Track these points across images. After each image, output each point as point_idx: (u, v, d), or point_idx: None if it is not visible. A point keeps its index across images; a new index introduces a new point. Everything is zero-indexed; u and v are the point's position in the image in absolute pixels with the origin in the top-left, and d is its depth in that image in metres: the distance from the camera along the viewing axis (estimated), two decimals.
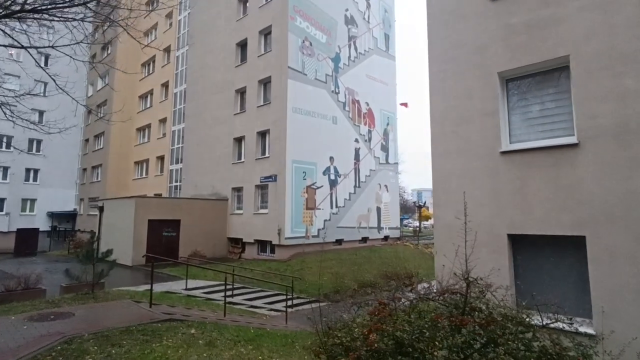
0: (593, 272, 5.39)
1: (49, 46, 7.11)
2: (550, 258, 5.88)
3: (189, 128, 26.59)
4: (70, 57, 7.32)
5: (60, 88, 6.29)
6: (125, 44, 32.08)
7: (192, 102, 26.59)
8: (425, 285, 5.63)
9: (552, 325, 4.22)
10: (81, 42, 7.45)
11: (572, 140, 5.71)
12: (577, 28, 5.77)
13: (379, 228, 25.24)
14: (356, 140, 24.09)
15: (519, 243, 6.14)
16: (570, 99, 5.89)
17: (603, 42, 5.51)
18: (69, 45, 7.24)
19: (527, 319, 4.16)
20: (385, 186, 26.26)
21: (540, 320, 4.20)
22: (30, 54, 6.66)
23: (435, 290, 5.75)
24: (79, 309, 6.94)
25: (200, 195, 23.77)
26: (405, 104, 30.02)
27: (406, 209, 59.68)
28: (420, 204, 38.53)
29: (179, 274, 14.95)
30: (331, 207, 21.59)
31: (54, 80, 6.17)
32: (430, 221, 68.35)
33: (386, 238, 25.76)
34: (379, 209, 25.39)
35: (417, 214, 70.00)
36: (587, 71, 5.62)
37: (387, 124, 27.25)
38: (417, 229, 34.18)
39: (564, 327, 4.36)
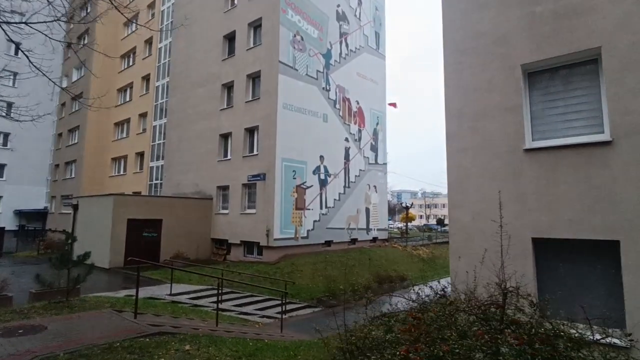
0: (628, 279, 5.03)
1: (21, 22, 6.30)
2: (579, 264, 5.51)
3: (171, 123, 25.61)
4: (47, 35, 6.53)
5: (35, 66, 5.50)
6: (104, 35, 30.69)
7: (175, 96, 25.63)
8: (419, 288, 5.15)
9: (603, 341, 3.80)
10: (59, 19, 6.65)
11: (604, 137, 5.36)
12: (610, 18, 5.43)
13: (368, 229, 24.95)
14: (346, 140, 23.70)
15: (544, 247, 5.75)
16: (600, 93, 5.54)
17: (639, 33, 5.17)
18: (45, 22, 6.45)
19: (578, 335, 3.72)
20: (374, 187, 25.99)
21: (592, 336, 3.78)
22: (2, 29, 5.83)
23: (450, 295, 5.29)
24: (52, 321, 6.13)
25: (183, 193, 22.89)
26: (394, 104, 29.78)
27: (387, 210, 60.16)
28: (407, 205, 38.40)
29: (161, 278, 14.17)
30: (321, 208, 21.11)
31: (28, 57, 5.38)
32: (415, 222, 69.02)
33: (375, 240, 25.51)
34: (367, 210, 25.08)
35: (400, 215, 70.65)
36: (621, 64, 5.28)
37: (377, 124, 27.00)
38: (404, 230, 34.04)
39: (615, 342, 3.96)
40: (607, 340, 3.86)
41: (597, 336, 3.82)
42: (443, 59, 7.03)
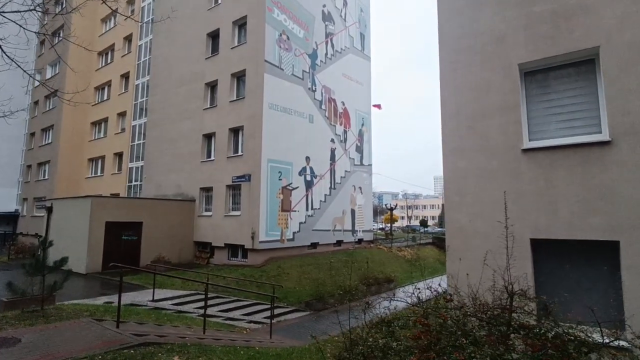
0: (627, 280, 5.02)
1: None
2: (578, 265, 5.47)
3: (151, 123, 24.93)
4: (21, 26, 6.09)
5: (8, 56, 5.07)
6: (81, 30, 29.62)
7: (156, 95, 24.97)
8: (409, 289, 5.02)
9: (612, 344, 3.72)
10: (34, 9, 6.22)
11: (602, 137, 5.34)
12: (608, 17, 5.43)
13: (353, 231, 24.90)
14: (332, 141, 23.61)
15: (542, 248, 5.70)
16: (598, 93, 5.54)
17: (638, 33, 5.18)
18: (19, 12, 6.01)
19: (587, 338, 3.63)
20: (360, 188, 25.99)
21: (601, 338, 3.69)
22: None
23: (450, 297, 5.16)
24: (26, 332, 5.67)
25: (164, 195, 22.31)
26: (378, 106, 29.91)
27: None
28: (392, 206, 38.63)
29: (142, 283, 13.66)
30: (307, 209, 20.92)
31: (0, 46, 4.94)
32: (398, 224, 69.54)
33: (360, 241, 25.50)
34: (353, 212, 25.03)
35: (383, 217, 71.04)
36: (619, 64, 5.28)
37: (362, 125, 27.03)
38: (389, 232, 34.18)
39: (623, 345, 3.89)
40: (616, 343, 3.79)
41: (606, 339, 3.74)
42: (439, 58, 6.94)
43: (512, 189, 5.91)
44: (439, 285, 5.46)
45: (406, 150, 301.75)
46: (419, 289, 4.97)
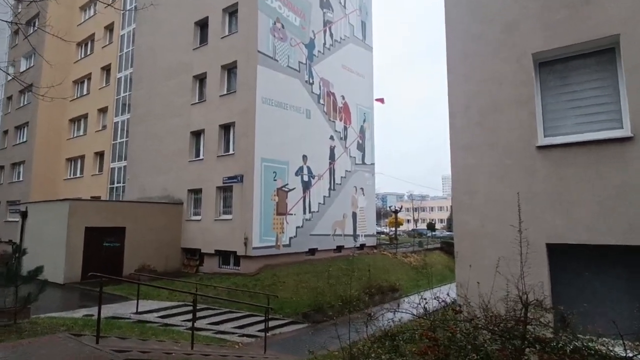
0: None
1: None
2: (597, 272, 5.45)
3: (135, 119, 24.90)
4: None
5: None
6: (58, 19, 29.52)
7: (140, 89, 24.94)
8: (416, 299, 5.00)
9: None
10: None
11: (623, 133, 5.33)
12: (629, 3, 5.41)
13: (355, 236, 24.90)
14: (331, 138, 23.60)
15: (559, 254, 5.68)
16: (619, 85, 5.52)
17: None
18: None
19: (610, 352, 3.61)
20: (362, 189, 26.01)
21: (624, 352, 3.67)
22: None
23: (459, 308, 5.13)
24: None
25: (149, 198, 22.26)
26: (381, 100, 29.92)
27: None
28: (396, 209, 38.65)
29: (125, 294, 13.64)
30: (304, 213, 20.92)
31: None
32: (403, 227, 69.64)
33: (362, 246, 25.51)
34: (354, 215, 25.03)
35: (387, 220, 71.20)
36: None
37: (364, 121, 27.06)
38: (394, 236, 34.19)
39: None
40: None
41: (630, 353, 3.72)
42: (446, 47, 6.91)
43: (526, 189, 5.89)
44: (448, 295, 5.43)
45: (412, 147, 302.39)
46: (425, 299, 4.95)
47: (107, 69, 29.45)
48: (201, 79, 21.80)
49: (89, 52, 31.32)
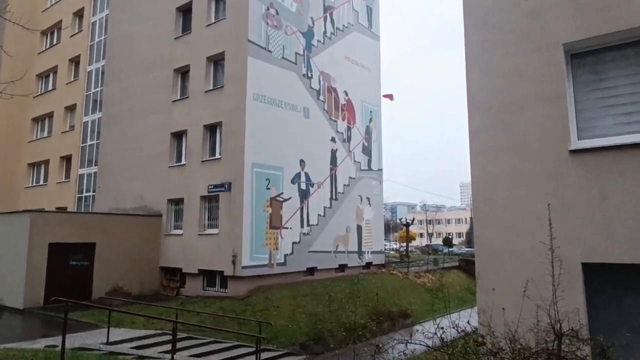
0: None
1: None
2: None
3: (108, 118, 25.00)
4: None
5: None
6: (19, 4, 29.71)
7: (113, 84, 25.06)
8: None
9: None
10: None
11: None
12: None
13: (360, 252, 24.88)
14: (333, 140, 23.66)
15: (597, 275, 5.63)
16: None
17: None
18: None
19: None
20: (367, 199, 26.04)
21: None
22: None
23: (481, 339, 5.08)
24: None
25: (123, 209, 22.25)
26: (390, 96, 30.07)
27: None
28: (407, 221, 38.62)
29: (95, 321, 13.66)
30: (302, 226, 20.92)
31: None
32: (415, 242, 69.51)
33: (369, 265, 25.50)
34: (359, 228, 25.02)
35: (397, 234, 71.14)
36: None
37: (370, 120, 27.17)
38: (405, 253, 34.10)
39: None
40: None
41: None
42: (464, 36, 6.94)
43: (557, 200, 5.86)
44: (468, 322, 5.38)
45: (426, 151, 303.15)
46: (442, 328, 4.90)
47: (75, 61, 29.52)
48: (183, 72, 21.85)
49: (55, 42, 31.45)
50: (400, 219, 51.22)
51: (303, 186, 21.31)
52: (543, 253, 5.11)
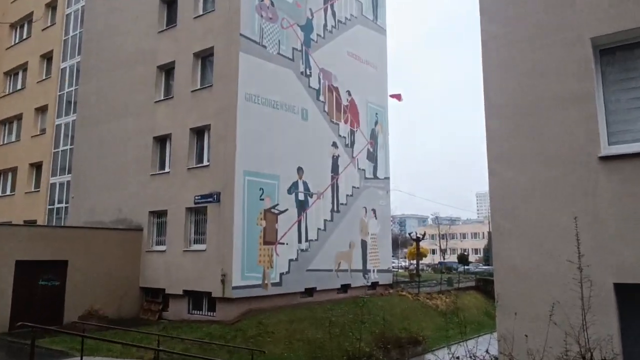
0: None
1: None
2: None
3: (83, 121, 25.09)
4: None
5: None
6: None
7: (90, 82, 25.18)
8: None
9: None
10: None
11: None
12: None
13: (365, 271, 24.83)
14: (334, 145, 23.70)
15: (632, 298, 5.59)
16: None
17: None
18: None
19: None
20: (373, 211, 26.03)
21: None
22: None
23: None
24: None
25: (99, 223, 22.27)
26: (397, 96, 30.19)
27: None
28: (418, 236, 38.55)
29: (66, 348, 13.59)
30: (299, 241, 20.92)
31: None
32: (427, 260, 69.30)
33: (374, 285, 25.46)
34: (364, 244, 24.99)
35: (406, 250, 71.01)
36: None
37: (376, 123, 27.26)
38: (415, 271, 33.97)
39: None
40: None
41: None
42: (480, 29, 6.97)
43: (586, 212, 5.84)
44: (487, 351, 5.35)
45: (438, 157, 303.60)
46: (457, 358, 4.87)
47: (48, 57, 29.64)
48: (168, 70, 21.92)
49: (25, 36, 31.61)
50: (409, 234, 51.10)
51: (301, 197, 21.26)
52: (571, 272, 5.10)
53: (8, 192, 30.07)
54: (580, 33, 6.16)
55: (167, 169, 20.93)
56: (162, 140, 21.53)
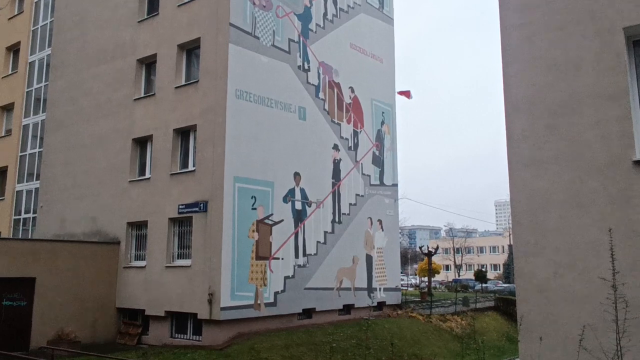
0: None
1: None
2: None
3: (53, 122, 25.08)
4: None
5: None
6: None
7: (61, 78, 25.19)
8: None
9: None
10: None
11: None
12: None
13: (370, 289, 24.72)
14: (335, 147, 23.67)
15: None
16: None
17: None
18: None
19: None
20: (379, 222, 25.96)
21: None
22: None
23: None
24: None
25: (71, 235, 22.26)
26: (407, 93, 30.25)
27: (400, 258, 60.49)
28: (430, 250, 38.47)
29: None
30: (296, 256, 20.82)
31: None
32: (440, 277, 69.25)
33: (381, 306, 25.31)
34: (369, 259, 24.93)
35: (417, 266, 70.87)
36: None
37: (382, 123, 27.24)
38: (427, 290, 33.86)
39: None
40: None
41: None
42: (499, 20, 7.00)
43: (620, 223, 5.86)
44: None
45: (453, 162, 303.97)
46: None
47: (14, 50, 29.66)
48: (149, 64, 21.93)
49: None
50: (420, 247, 50.98)
51: (298, 206, 21.19)
52: (603, 292, 5.08)
53: None
54: (612, 22, 6.21)
55: (147, 175, 20.86)
56: (142, 143, 21.48)
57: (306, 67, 22.54)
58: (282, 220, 20.33)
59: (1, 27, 30.56)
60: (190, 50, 20.82)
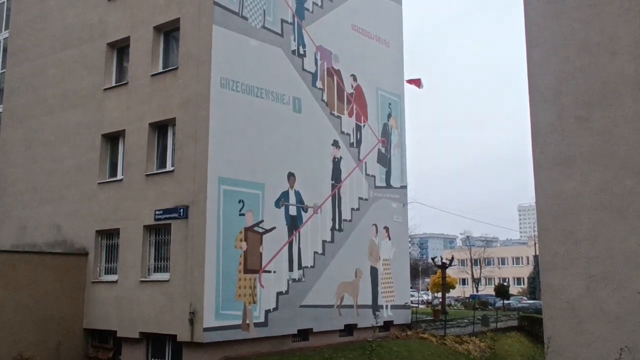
0: None
1: None
2: None
3: (11, 114, 25.23)
4: None
5: None
6: None
7: (20, 65, 25.32)
8: None
9: None
10: None
11: None
12: None
13: (376, 307, 24.76)
14: (335, 144, 23.72)
15: None
16: None
17: None
18: None
19: None
20: (386, 229, 26.04)
21: None
22: None
23: None
24: None
25: (32, 245, 22.31)
26: (417, 82, 30.37)
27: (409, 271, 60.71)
28: (444, 261, 38.56)
29: None
30: (290, 269, 20.89)
31: None
32: (455, 292, 69.28)
33: (387, 326, 25.40)
34: (375, 272, 25.01)
35: (429, 280, 70.85)
36: None
37: (389, 116, 27.29)
38: (440, 307, 33.91)
39: None
40: None
41: None
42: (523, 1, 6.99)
43: None
44: None
45: (471, 162, 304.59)
46: None
47: None
48: (121, 48, 21.98)
49: None
50: (433, 258, 50.94)
51: (292, 211, 21.22)
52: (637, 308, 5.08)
53: None
54: None
55: (119, 176, 20.89)
56: (113, 139, 21.53)
57: (301, 52, 22.57)
58: (274, 228, 20.36)
59: None
60: (169, 32, 20.87)
